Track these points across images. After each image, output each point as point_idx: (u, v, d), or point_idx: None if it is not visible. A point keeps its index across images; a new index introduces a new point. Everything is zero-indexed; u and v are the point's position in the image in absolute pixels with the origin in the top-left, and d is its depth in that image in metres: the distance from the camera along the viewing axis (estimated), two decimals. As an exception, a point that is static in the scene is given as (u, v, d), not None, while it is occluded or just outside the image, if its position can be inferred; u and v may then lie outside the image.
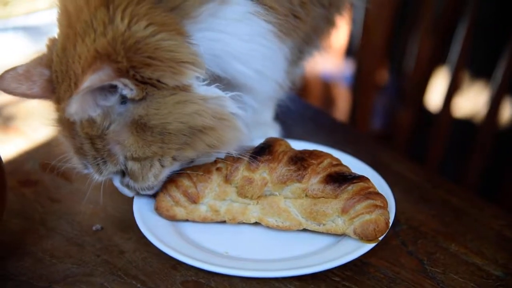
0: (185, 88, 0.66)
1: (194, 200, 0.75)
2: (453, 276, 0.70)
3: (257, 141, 0.78)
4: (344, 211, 0.71)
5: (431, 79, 1.60)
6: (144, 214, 0.76)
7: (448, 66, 1.57)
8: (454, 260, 0.73)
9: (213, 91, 0.69)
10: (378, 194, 0.73)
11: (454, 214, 0.83)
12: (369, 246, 0.70)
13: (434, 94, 1.70)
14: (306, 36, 0.86)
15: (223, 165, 0.76)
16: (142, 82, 0.63)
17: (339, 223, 0.72)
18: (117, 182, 0.74)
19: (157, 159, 0.69)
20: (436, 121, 1.57)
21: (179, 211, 0.76)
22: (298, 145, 0.81)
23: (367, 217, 0.71)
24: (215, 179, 0.75)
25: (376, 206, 0.71)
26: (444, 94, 1.52)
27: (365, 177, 0.74)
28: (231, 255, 0.72)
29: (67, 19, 0.66)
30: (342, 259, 0.68)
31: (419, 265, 0.72)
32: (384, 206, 0.72)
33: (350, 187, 0.72)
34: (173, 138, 0.67)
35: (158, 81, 0.64)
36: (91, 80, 0.59)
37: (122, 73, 0.61)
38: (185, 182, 0.75)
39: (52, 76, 0.69)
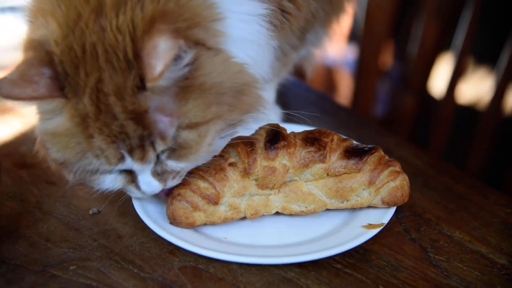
0: (222, 51, 0.66)
1: (215, 201, 0.70)
2: (457, 264, 0.69)
3: (254, 126, 0.76)
4: (371, 182, 0.72)
5: (435, 64, 1.58)
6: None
7: (452, 51, 1.55)
8: (458, 248, 0.72)
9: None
10: (393, 160, 0.75)
11: (459, 201, 0.81)
12: (372, 233, 0.69)
13: (438, 80, 1.68)
14: (301, 32, 0.83)
15: (237, 159, 0.72)
16: (195, 44, 0.62)
17: (364, 196, 0.73)
18: (147, 175, 0.67)
19: (213, 123, 0.65)
20: (440, 107, 1.56)
21: (198, 216, 0.71)
22: (300, 130, 0.78)
23: (392, 184, 0.73)
24: (231, 175, 0.72)
25: (397, 172, 0.73)
26: (448, 80, 1.50)
27: (377, 146, 0.76)
28: (230, 241, 0.71)
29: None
30: (344, 246, 0.67)
31: (422, 252, 0.71)
32: (401, 171, 0.74)
33: (369, 159, 0.73)
34: (224, 98, 0.65)
35: (204, 42, 0.63)
36: (165, 41, 0.57)
37: (180, 35, 0.59)
38: (201, 184, 0.71)
39: (57, 69, 0.62)
